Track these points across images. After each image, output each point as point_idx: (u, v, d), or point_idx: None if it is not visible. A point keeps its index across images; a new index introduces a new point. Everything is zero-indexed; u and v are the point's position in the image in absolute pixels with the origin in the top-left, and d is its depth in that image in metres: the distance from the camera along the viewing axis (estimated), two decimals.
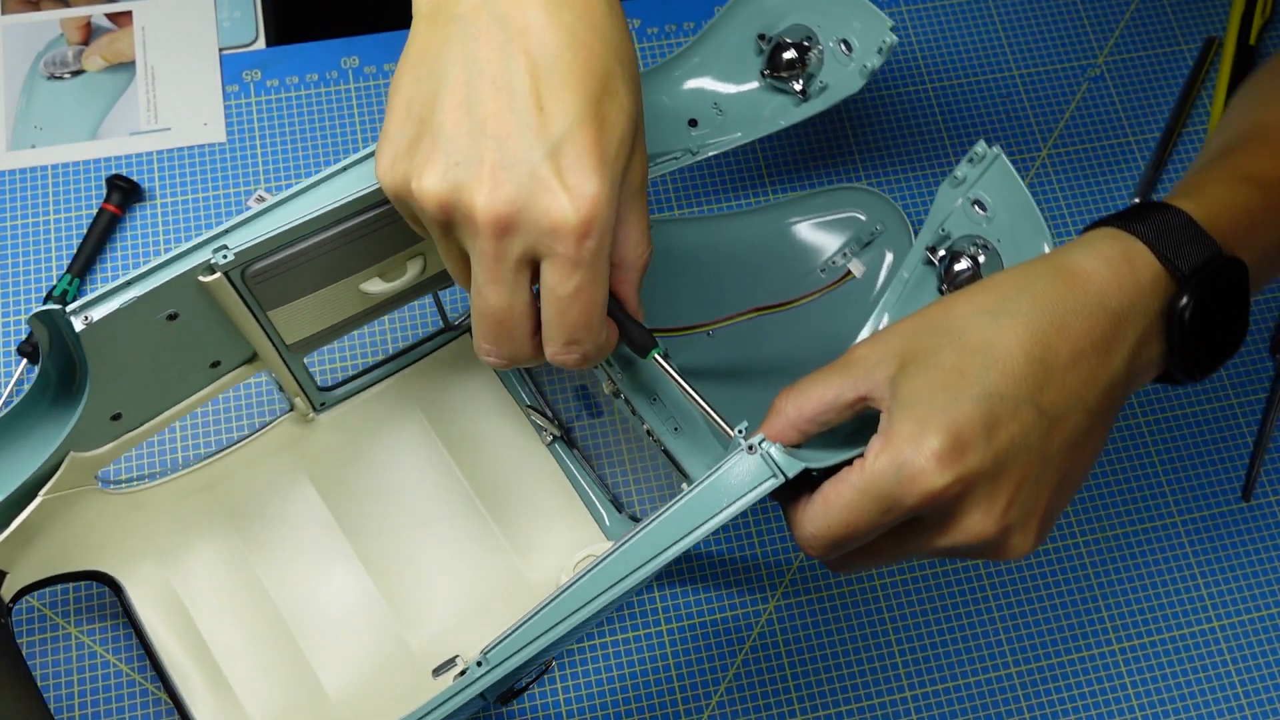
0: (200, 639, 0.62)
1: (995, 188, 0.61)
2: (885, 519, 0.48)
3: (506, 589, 0.66)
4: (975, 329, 0.49)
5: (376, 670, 0.63)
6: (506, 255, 0.47)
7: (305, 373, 0.63)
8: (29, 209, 0.75)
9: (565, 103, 0.46)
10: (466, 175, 0.46)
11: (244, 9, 0.81)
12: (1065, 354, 0.48)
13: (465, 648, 0.64)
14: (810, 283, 0.69)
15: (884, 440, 0.48)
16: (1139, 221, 0.51)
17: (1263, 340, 0.76)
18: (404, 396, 0.68)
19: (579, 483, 0.68)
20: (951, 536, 0.49)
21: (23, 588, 0.58)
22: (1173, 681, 0.68)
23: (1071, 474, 0.51)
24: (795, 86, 0.68)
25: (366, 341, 0.73)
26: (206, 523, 0.64)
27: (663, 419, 0.59)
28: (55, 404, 0.55)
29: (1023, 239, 0.61)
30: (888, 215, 0.71)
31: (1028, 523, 0.50)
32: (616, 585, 0.48)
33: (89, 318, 0.50)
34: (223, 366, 0.59)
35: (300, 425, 0.66)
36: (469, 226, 0.47)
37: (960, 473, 0.47)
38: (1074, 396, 0.49)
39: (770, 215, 0.72)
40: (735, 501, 0.49)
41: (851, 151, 0.80)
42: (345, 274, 0.56)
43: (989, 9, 0.84)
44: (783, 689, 0.67)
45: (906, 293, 0.62)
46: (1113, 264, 0.50)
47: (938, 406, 0.47)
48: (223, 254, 0.51)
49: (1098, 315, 0.49)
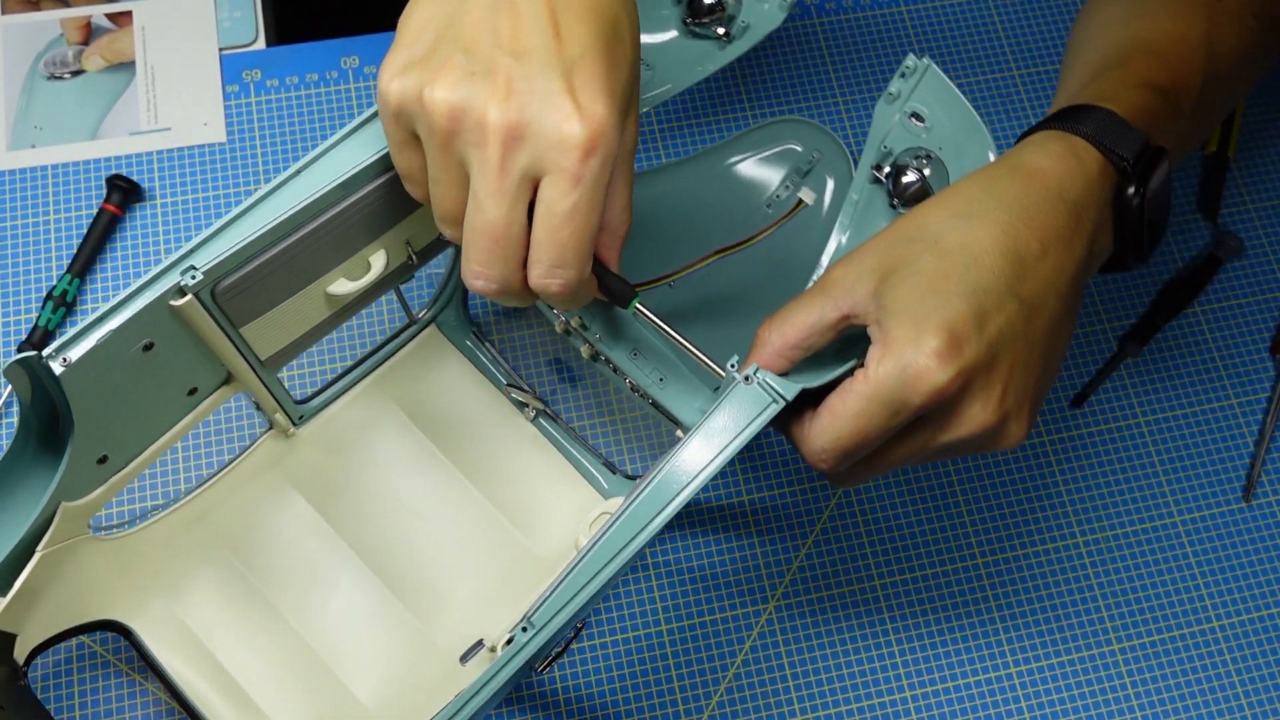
0: (222, 669, 0.62)
1: (931, 98, 0.63)
2: (893, 421, 0.50)
3: (516, 567, 0.66)
4: (950, 232, 0.52)
5: (403, 668, 0.63)
6: (511, 167, 0.47)
7: (281, 388, 0.62)
8: (29, 209, 0.75)
9: (579, 34, 0.48)
10: (482, 85, 0.47)
11: (244, 9, 0.81)
12: (1036, 246, 0.52)
13: (488, 631, 0.64)
14: (760, 220, 0.70)
15: (883, 348, 0.50)
16: (1077, 121, 0.55)
17: (1263, 340, 0.76)
18: (380, 397, 0.68)
19: (569, 452, 0.68)
20: (955, 430, 0.51)
21: (35, 647, 0.57)
22: (1173, 681, 0.68)
23: (1051, 359, 0.54)
24: (718, 31, 0.68)
25: (337, 349, 0.73)
26: (206, 554, 0.64)
27: (646, 372, 0.61)
28: (39, 454, 0.54)
29: (964, 143, 0.62)
30: (822, 142, 0.71)
31: (1021, 409, 0.52)
32: (647, 527, 0.49)
33: (67, 359, 0.49)
34: (200, 393, 0.58)
35: (282, 441, 0.66)
36: (477, 134, 0.47)
37: (960, 366, 0.49)
38: (1048, 285, 0.52)
39: (709, 160, 0.72)
40: (743, 431, 0.50)
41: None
42: (311, 278, 0.56)
43: (989, 9, 0.84)
44: (783, 689, 0.67)
45: (858, 214, 0.62)
46: (1063, 159, 0.54)
47: (930, 308, 0.50)
48: (191, 275, 0.51)
49: (1059, 207, 0.53)
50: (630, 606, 0.68)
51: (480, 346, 0.70)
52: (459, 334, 0.70)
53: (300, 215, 0.52)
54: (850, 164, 0.70)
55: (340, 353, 0.73)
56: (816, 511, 0.71)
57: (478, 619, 0.64)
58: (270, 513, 0.65)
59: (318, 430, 0.67)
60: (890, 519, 0.71)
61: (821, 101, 0.81)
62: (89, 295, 0.73)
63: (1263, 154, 0.82)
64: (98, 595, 0.60)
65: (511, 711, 0.66)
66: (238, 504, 0.65)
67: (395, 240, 0.58)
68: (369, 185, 0.54)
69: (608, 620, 0.68)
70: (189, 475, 0.69)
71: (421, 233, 0.59)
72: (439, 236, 0.61)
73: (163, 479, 0.69)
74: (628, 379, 0.61)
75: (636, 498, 0.50)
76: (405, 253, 0.59)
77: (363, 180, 0.54)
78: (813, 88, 0.81)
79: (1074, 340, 0.76)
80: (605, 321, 0.61)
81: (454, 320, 0.70)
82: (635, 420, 0.72)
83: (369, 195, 0.54)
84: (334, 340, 0.73)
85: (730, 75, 0.80)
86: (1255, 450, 0.74)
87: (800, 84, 0.81)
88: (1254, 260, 0.78)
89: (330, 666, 0.63)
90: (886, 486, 0.72)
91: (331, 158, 0.53)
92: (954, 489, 0.72)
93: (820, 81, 0.81)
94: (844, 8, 0.84)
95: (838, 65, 0.81)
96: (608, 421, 0.72)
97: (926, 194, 0.61)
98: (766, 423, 0.51)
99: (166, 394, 0.56)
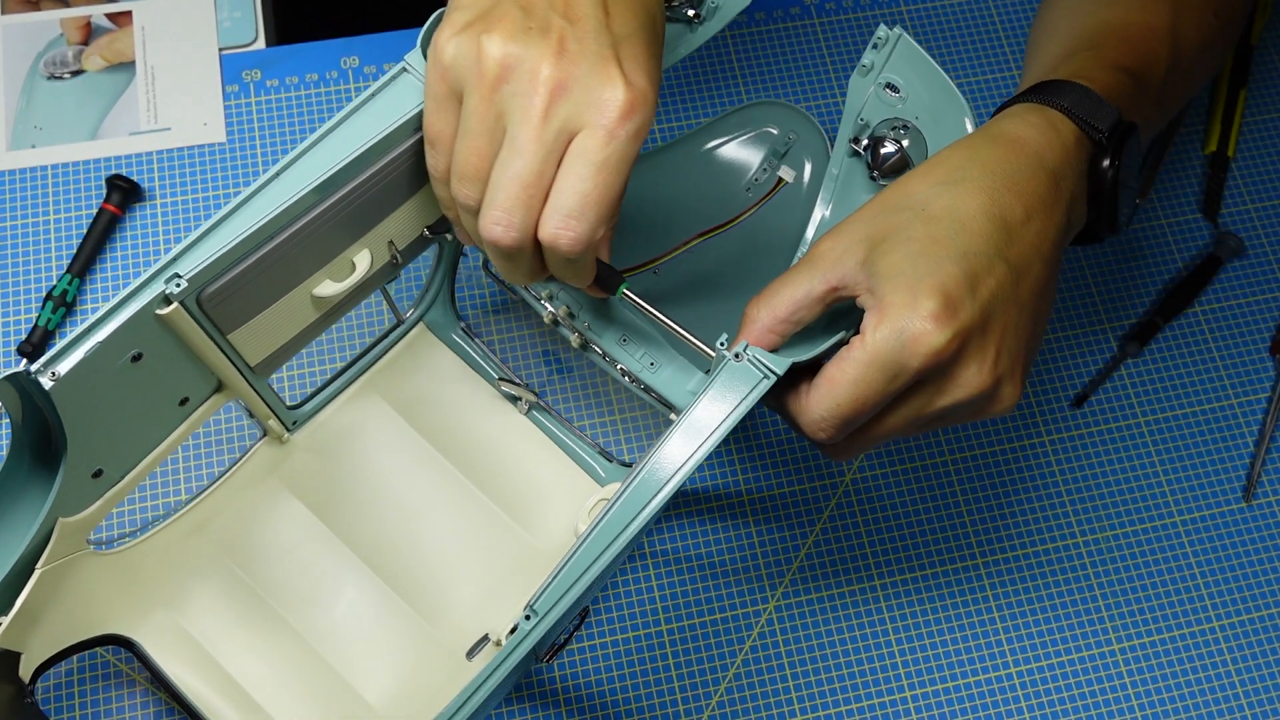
0: (228, 677, 0.62)
1: (904, 68, 0.63)
2: (891, 386, 0.51)
3: (518, 561, 0.66)
4: (937, 199, 0.52)
5: (410, 668, 0.63)
6: (553, 117, 0.49)
7: (272, 393, 0.62)
8: (29, 209, 0.75)
9: (626, 16, 0.51)
10: (537, 39, 0.49)
11: (244, 9, 0.81)
12: (1020, 211, 0.53)
13: (492, 625, 0.64)
14: (740, 203, 0.70)
15: (878, 314, 0.51)
16: (1054, 95, 0.56)
17: (1263, 340, 0.76)
18: (373, 398, 0.68)
19: (564, 442, 0.69)
20: (951, 394, 0.52)
21: (39, 665, 0.57)
22: (1173, 681, 0.68)
23: (1038, 322, 0.55)
24: (688, 13, 0.68)
25: (326, 352, 0.73)
26: (206, 564, 0.64)
27: (637, 357, 0.61)
28: (34, 472, 0.54)
29: (940, 111, 0.62)
30: (798, 123, 0.71)
31: (1014, 371, 0.53)
32: (647, 507, 0.49)
33: (55, 373, 0.49)
34: (191, 402, 0.58)
35: (276, 447, 0.66)
36: (528, 85, 0.49)
37: (957, 328, 0.50)
38: (1033, 249, 0.53)
39: (687, 146, 0.72)
40: (736, 407, 0.51)
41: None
42: (296, 281, 0.56)
43: (989, 9, 0.84)
44: (783, 689, 0.67)
45: (839, 188, 0.63)
46: (1042, 130, 0.55)
47: (923, 271, 0.50)
48: (175, 283, 0.51)
49: (1040, 174, 0.54)
50: (632, 604, 0.68)
51: (469, 342, 0.70)
52: (447, 331, 0.70)
53: (281, 218, 0.52)
54: (826, 141, 0.70)
55: (330, 356, 0.73)
56: (817, 511, 0.71)
57: (482, 614, 0.64)
58: (269, 519, 0.65)
59: (312, 435, 0.67)
60: (891, 518, 0.71)
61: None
62: (89, 295, 0.73)
63: (1263, 154, 0.82)
64: (100, 610, 0.60)
65: (516, 709, 0.66)
66: (236, 512, 0.65)
67: (378, 240, 0.58)
68: (349, 185, 0.54)
69: (610, 617, 0.68)
70: (185, 486, 0.69)
71: (404, 231, 0.59)
72: (421, 235, 0.61)
73: (159, 491, 0.69)
74: (619, 365, 0.61)
75: (634, 479, 0.50)
76: (389, 252, 0.59)
77: (342, 180, 0.53)
78: (800, 78, 0.81)
79: (1074, 340, 0.76)
80: (593, 310, 0.61)
81: (442, 318, 0.70)
82: (628, 407, 0.72)
83: (350, 195, 0.54)
84: (323, 344, 0.73)
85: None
86: (1255, 450, 0.74)
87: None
88: (1254, 260, 0.78)
89: (337, 669, 0.63)
90: (888, 485, 0.72)
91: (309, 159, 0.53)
92: (955, 488, 0.72)
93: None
94: (844, 8, 0.84)
95: (835, 59, 0.81)
96: (601, 409, 0.72)
97: (906, 164, 0.61)
98: (759, 398, 0.51)
99: (158, 405, 0.56)
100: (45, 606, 0.56)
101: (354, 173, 0.54)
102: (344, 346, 0.73)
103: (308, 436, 0.67)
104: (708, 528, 0.70)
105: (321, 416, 0.67)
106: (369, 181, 0.54)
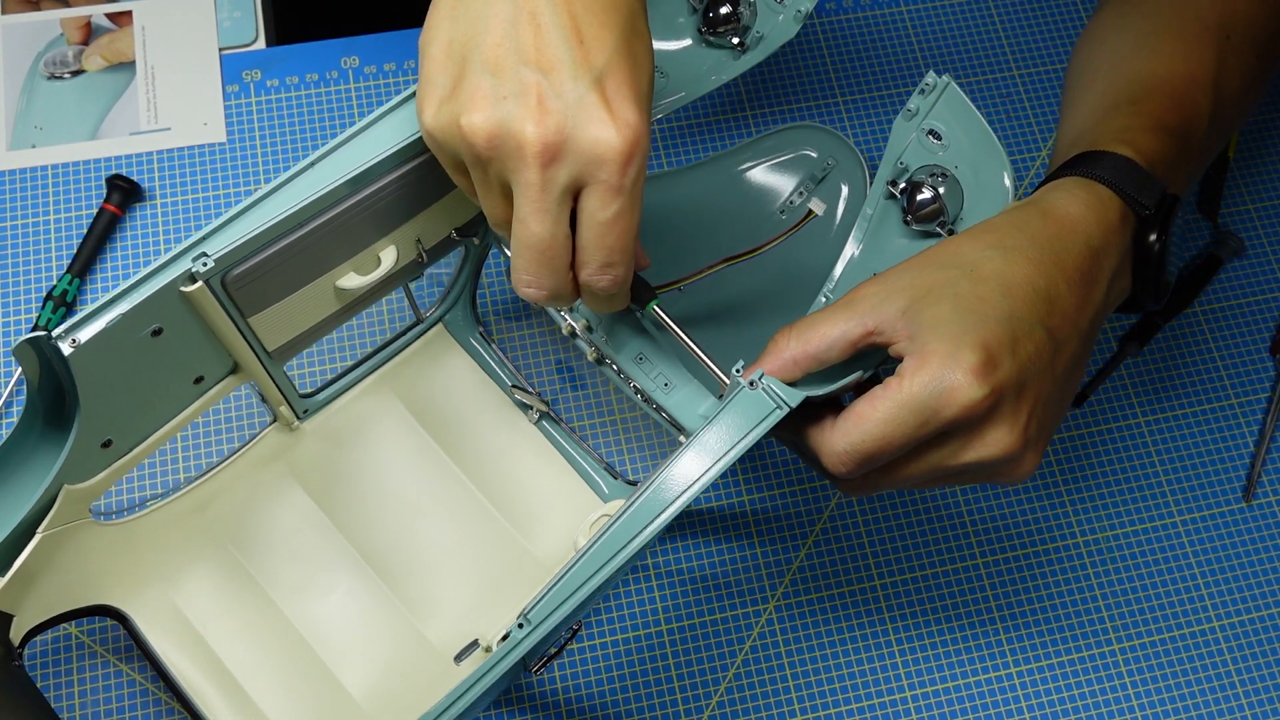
0: (216, 659, 0.62)
1: (949, 116, 0.63)
2: (920, 431, 0.51)
3: (515, 569, 0.66)
4: (987, 262, 0.53)
5: (397, 666, 0.63)
6: (552, 184, 0.48)
7: (287, 380, 0.62)
8: (29, 209, 0.75)
9: (603, 39, 0.48)
10: (515, 107, 0.48)
11: (244, 9, 0.81)
12: (1063, 285, 0.54)
13: (483, 631, 0.64)
14: (772, 226, 0.70)
15: (919, 359, 0.51)
16: (1098, 168, 0.57)
17: (1263, 340, 0.76)
18: (385, 393, 0.68)
19: (571, 456, 0.69)
20: (976, 450, 0.52)
21: (30, 629, 0.58)
22: (1173, 681, 0.68)
23: (1065, 399, 0.56)
24: (733, 41, 0.68)
25: (343, 345, 0.73)
26: (205, 544, 0.64)
27: (651, 377, 0.61)
28: (44, 437, 0.54)
29: (981, 164, 0.62)
30: (837, 149, 0.71)
31: (1039, 441, 0.54)
32: (649, 527, 0.49)
33: (76, 340, 0.49)
34: (206, 382, 0.58)
35: (286, 434, 0.66)
36: (517, 158, 0.48)
37: (994, 384, 0.50)
38: (1072, 323, 0.54)
39: (721, 164, 0.72)
40: (745, 436, 0.51)
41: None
42: (321, 271, 0.57)
43: (989, 9, 0.84)
44: (783, 689, 0.67)
45: (872, 228, 0.63)
46: (1090, 207, 0.56)
47: (968, 326, 0.51)
48: (203, 261, 0.51)
49: (1084, 252, 0.55)
50: (630, 607, 0.68)
51: (486, 346, 0.70)
52: (465, 333, 0.70)
53: (312, 208, 0.53)
54: (865, 170, 0.70)
55: (346, 348, 0.73)
56: (816, 512, 0.71)
57: (473, 618, 0.65)
58: (271, 505, 0.65)
59: (321, 424, 0.67)
60: (890, 519, 0.71)
61: (822, 103, 0.81)
62: (89, 295, 0.73)
63: (1263, 154, 0.82)
64: (96, 580, 0.61)
65: (511, 712, 0.66)
66: (239, 495, 0.65)
67: (406, 237, 0.58)
68: (381, 181, 0.54)
69: (608, 620, 0.68)
70: (191, 465, 0.69)
71: (432, 231, 0.60)
72: (449, 235, 0.61)
73: (165, 467, 0.69)
74: (632, 383, 0.61)
75: (639, 498, 0.50)
76: (415, 250, 0.60)
77: (375, 176, 0.54)
78: (814, 90, 0.81)
79: None
80: (611, 325, 0.61)
81: (461, 319, 0.70)
82: (638, 425, 0.72)
83: (381, 191, 0.54)
84: (340, 336, 0.73)
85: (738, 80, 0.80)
86: (1255, 450, 0.74)
87: (802, 86, 0.81)
88: (1254, 260, 0.78)
89: (324, 659, 0.63)
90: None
91: (346, 151, 0.53)
92: (954, 489, 0.72)
93: (821, 84, 0.81)
94: (844, 8, 0.84)
95: (839, 68, 0.81)
96: (610, 426, 0.72)
97: (941, 212, 0.61)
98: (769, 429, 0.51)
99: (173, 381, 0.57)
100: (42, 571, 0.56)
101: (389, 168, 0.54)
102: (361, 340, 0.73)
103: (317, 426, 0.67)
104: (707, 528, 0.70)
105: (333, 407, 0.67)
106: (403, 178, 0.54)
